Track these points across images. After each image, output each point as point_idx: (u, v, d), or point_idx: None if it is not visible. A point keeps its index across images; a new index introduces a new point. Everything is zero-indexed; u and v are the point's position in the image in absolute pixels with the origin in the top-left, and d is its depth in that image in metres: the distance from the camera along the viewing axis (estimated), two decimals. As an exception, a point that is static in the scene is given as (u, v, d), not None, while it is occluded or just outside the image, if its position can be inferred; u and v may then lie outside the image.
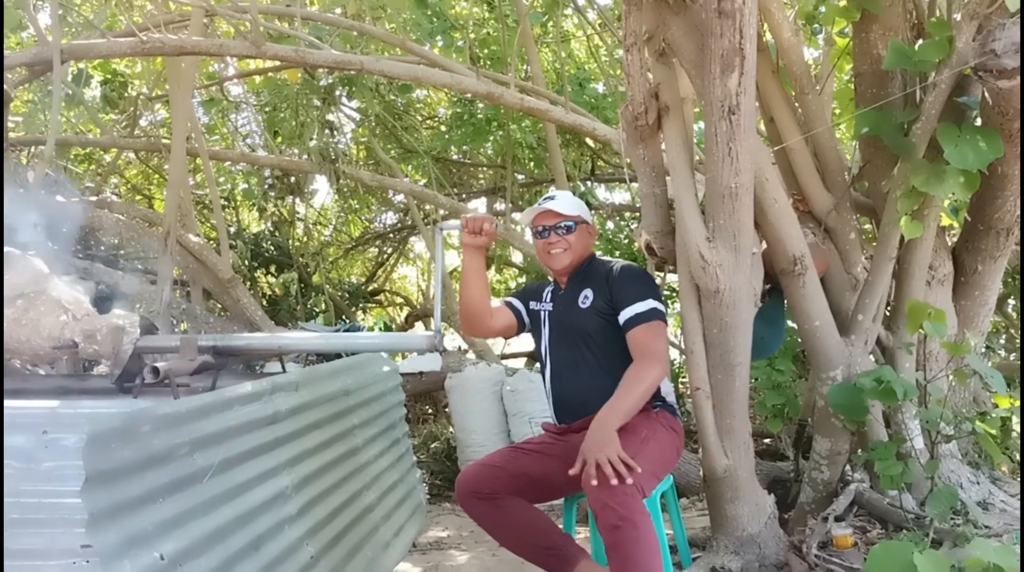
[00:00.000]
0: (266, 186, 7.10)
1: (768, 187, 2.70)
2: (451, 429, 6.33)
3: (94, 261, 5.25)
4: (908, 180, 2.64)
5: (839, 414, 2.88)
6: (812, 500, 3.05)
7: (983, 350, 3.37)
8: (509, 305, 2.72)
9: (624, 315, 2.45)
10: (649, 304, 2.44)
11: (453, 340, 7.54)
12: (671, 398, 2.58)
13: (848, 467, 3.04)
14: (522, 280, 10.36)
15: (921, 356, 3.02)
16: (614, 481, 2.09)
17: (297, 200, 7.98)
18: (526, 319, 2.71)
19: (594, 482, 2.11)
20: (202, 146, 5.54)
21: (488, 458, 2.60)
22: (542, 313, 2.67)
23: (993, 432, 2.68)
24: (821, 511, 2.91)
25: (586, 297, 2.56)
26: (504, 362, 6.96)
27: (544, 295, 2.71)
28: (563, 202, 2.63)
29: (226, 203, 8.05)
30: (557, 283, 2.71)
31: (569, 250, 2.59)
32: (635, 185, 8.63)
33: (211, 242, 6.58)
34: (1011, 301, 5.47)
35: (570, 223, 2.59)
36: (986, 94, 2.51)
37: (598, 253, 2.75)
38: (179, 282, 6.12)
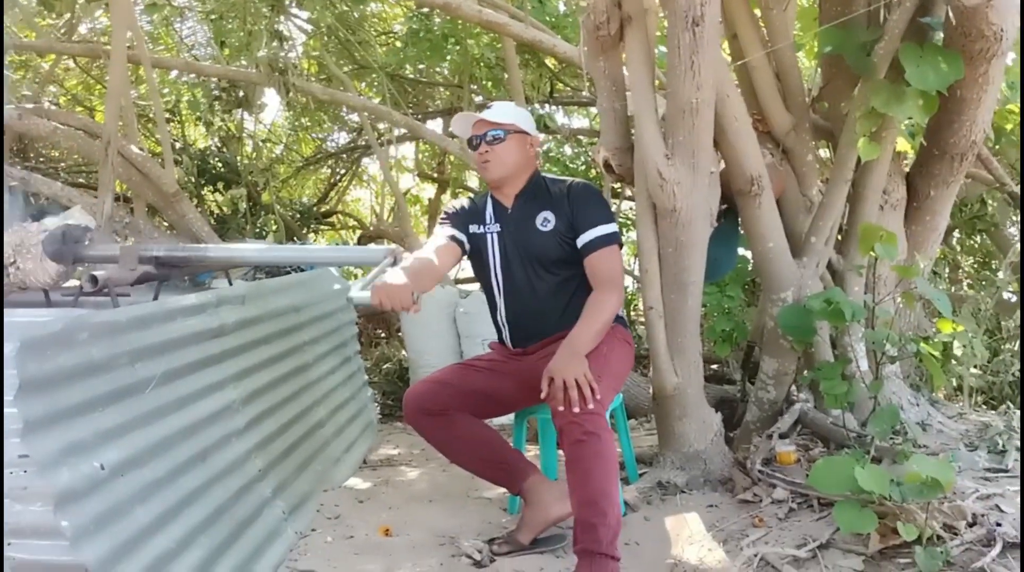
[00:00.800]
0: (213, 99, 6.84)
1: (729, 104, 2.67)
2: (404, 352, 6.34)
3: (32, 171, 5.03)
4: (868, 101, 2.63)
5: (788, 335, 2.91)
6: (757, 419, 3.11)
7: (930, 275, 3.43)
8: (452, 238, 2.54)
9: (584, 238, 2.42)
10: (609, 228, 2.42)
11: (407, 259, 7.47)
12: (622, 311, 2.58)
13: (794, 387, 3.10)
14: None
15: (870, 279, 3.07)
16: (578, 408, 2.09)
17: (246, 115, 7.73)
18: (467, 246, 2.58)
19: (561, 408, 2.11)
20: (144, 53, 5.28)
21: (437, 374, 2.58)
22: (488, 236, 2.56)
23: (936, 354, 2.74)
24: (766, 429, 2.98)
25: (547, 220, 2.49)
26: (458, 286, 6.95)
27: (485, 216, 2.59)
28: (496, 110, 2.54)
29: (171, 116, 7.78)
30: (498, 201, 2.59)
31: (498, 161, 2.49)
32: (594, 110, 8.58)
33: (156, 158, 6.37)
34: (956, 233, 5.57)
35: (499, 132, 2.48)
36: (950, 13, 2.48)
37: (552, 175, 2.69)
38: (122, 197, 5.93)
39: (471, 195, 3.14)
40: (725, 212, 3.01)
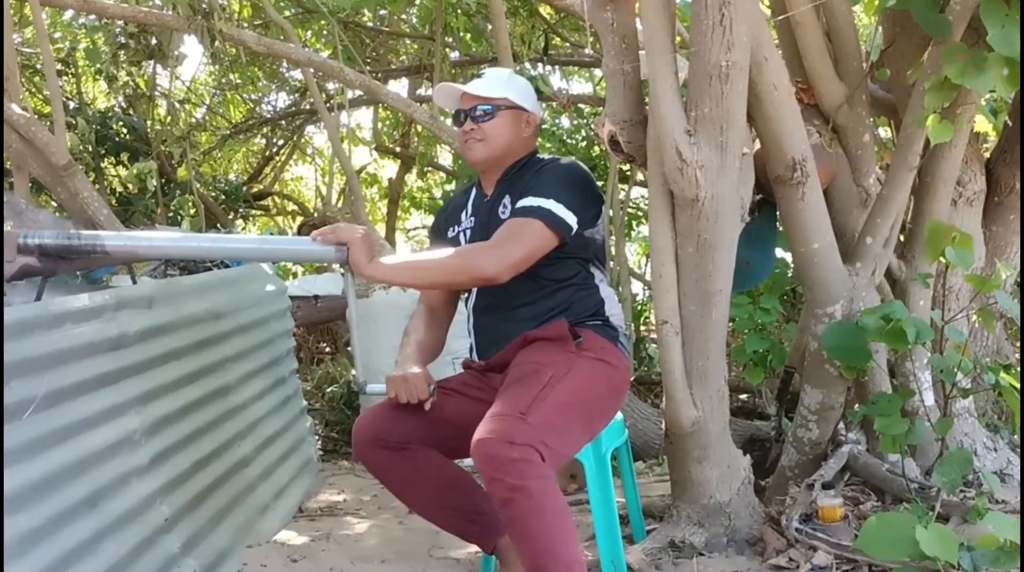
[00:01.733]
0: (117, 47, 6.79)
1: (767, 70, 2.68)
2: (353, 371, 6.32)
3: None
4: (940, 69, 2.64)
5: (835, 359, 2.92)
6: (795, 464, 3.12)
7: (1014, 287, 3.46)
8: None
9: (514, 208, 2.47)
10: (543, 202, 2.41)
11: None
12: (616, 320, 2.57)
13: (841, 425, 3.11)
14: (450, 188, 10.30)
15: (939, 291, 3.09)
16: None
17: (159, 68, 7.70)
18: None
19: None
20: (31, -12, 5.24)
21: (396, 400, 2.58)
22: (462, 235, 2.66)
23: (1019, 387, 2.75)
24: (806, 477, 2.99)
25: (505, 206, 2.56)
26: (423, 288, 6.95)
27: (464, 211, 2.70)
28: (486, 81, 2.61)
29: (64, 68, 7.73)
30: (480, 189, 2.70)
31: (485, 141, 2.57)
32: (598, 72, 8.60)
33: (43, 120, 6.31)
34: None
35: (487, 107, 2.56)
36: (1044, -37, 2.50)
37: (546, 155, 2.71)
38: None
39: (456, 187, 3.16)
40: (760, 204, 3.02)
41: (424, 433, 2.50)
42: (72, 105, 7.89)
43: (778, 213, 3.04)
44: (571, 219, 2.42)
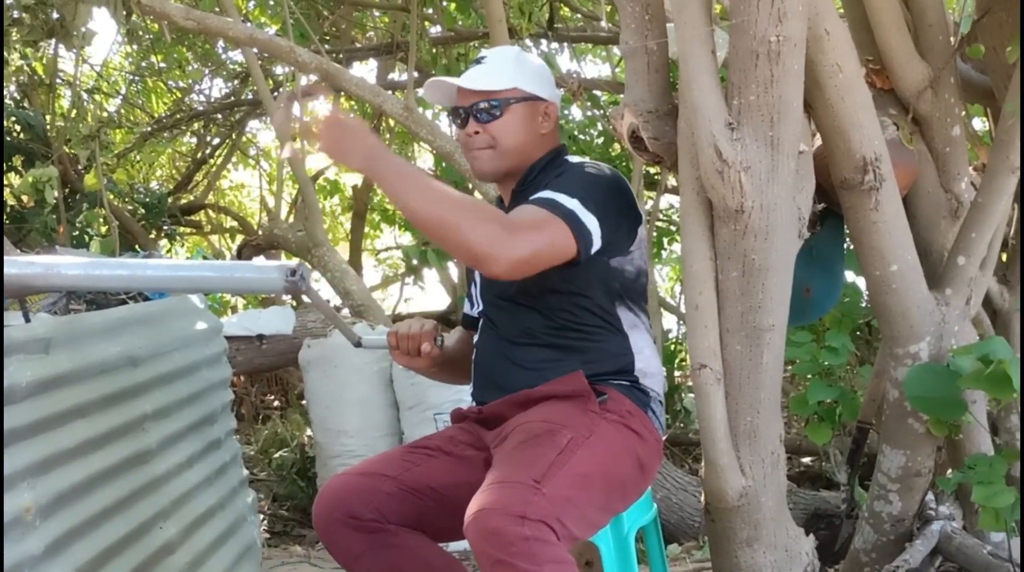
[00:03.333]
0: (10, 23, 6.83)
1: (829, 46, 2.68)
2: (308, 431, 6.30)
3: None
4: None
5: (921, 412, 2.92)
6: (872, 546, 3.11)
7: None
8: (465, 321, 2.89)
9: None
10: (567, 199, 2.39)
11: (317, 281, 7.46)
12: (651, 381, 2.57)
13: (930, 496, 3.10)
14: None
15: (1052, 325, 3.09)
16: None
17: (61, 49, 7.73)
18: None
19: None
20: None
21: (370, 464, 2.58)
22: None
23: None
24: (886, 563, 2.98)
25: None
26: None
27: None
28: (488, 68, 2.60)
29: (-59, 50, 7.76)
30: (500, 200, 2.74)
31: (496, 147, 2.56)
32: (617, 51, 8.60)
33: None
34: None
35: (494, 102, 2.55)
36: None
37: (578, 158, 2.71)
38: None
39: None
40: (822, 216, 3.02)
41: (405, 508, 2.47)
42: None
43: (846, 227, 3.04)
44: (595, 233, 2.39)
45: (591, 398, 2.43)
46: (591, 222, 2.39)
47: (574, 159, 2.66)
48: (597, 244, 2.41)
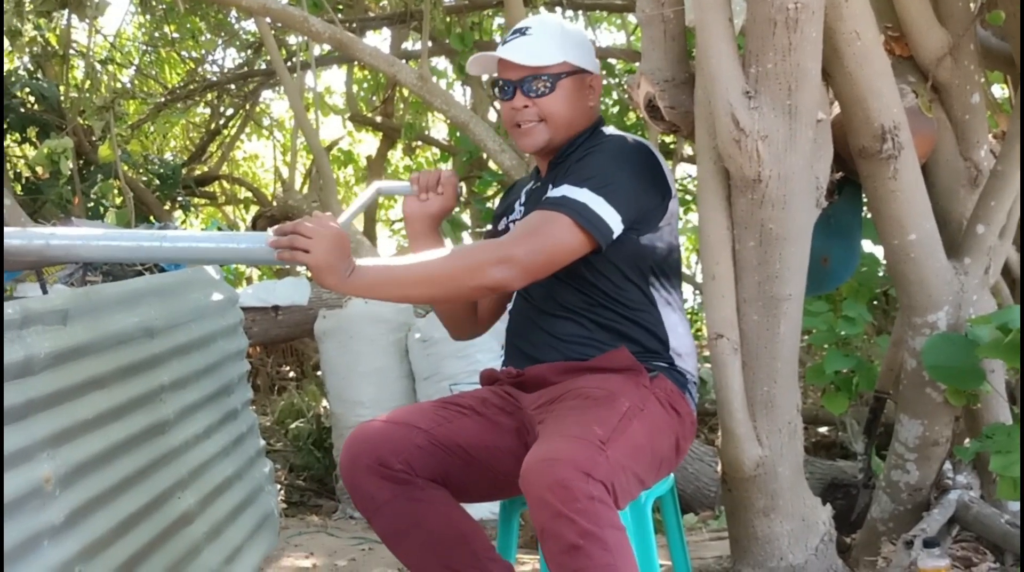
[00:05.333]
0: (22, -7, 6.85)
1: (847, 13, 2.66)
2: (324, 402, 6.33)
3: None
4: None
5: (939, 381, 2.91)
6: (890, 515, 3.11)
7: None
8: None
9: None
10: (575, 191, 2.39)
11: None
12: (686, 362, 2.56)
13: (948, 465, 3.10)
14: (445, 167, 10.30)
15: (1071, 294, 3.08)
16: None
17: (75, 19, 7.73)
18: None
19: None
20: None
21: (403, 413, 2.55)
22: (511, 227, 2.68)
23: None
24: (903, 532, 2.97)
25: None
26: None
27: (519, 198, 2.73)
28: (536, 41, 2.55)
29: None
30: (537, 172, 2.73)
31: (548, 122, 2.54)
32: (632, 18, 8.56)
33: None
34: None
35: (546, 77, 2.52)
36: None
37: (613, 130, 2.71)
38: None
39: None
40: (840, 185, 3.01)
41: (433, 462, 2.44)
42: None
43: (864, 195, 3.03)
44: (612, 219, 2.38)
45: (642, 373, 2.44)
46: (603, 208, 2.37)
47: (609, 132, 2.63)
48: (617, 228, 2.39)
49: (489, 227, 2.83)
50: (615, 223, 2.38)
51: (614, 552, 2.04)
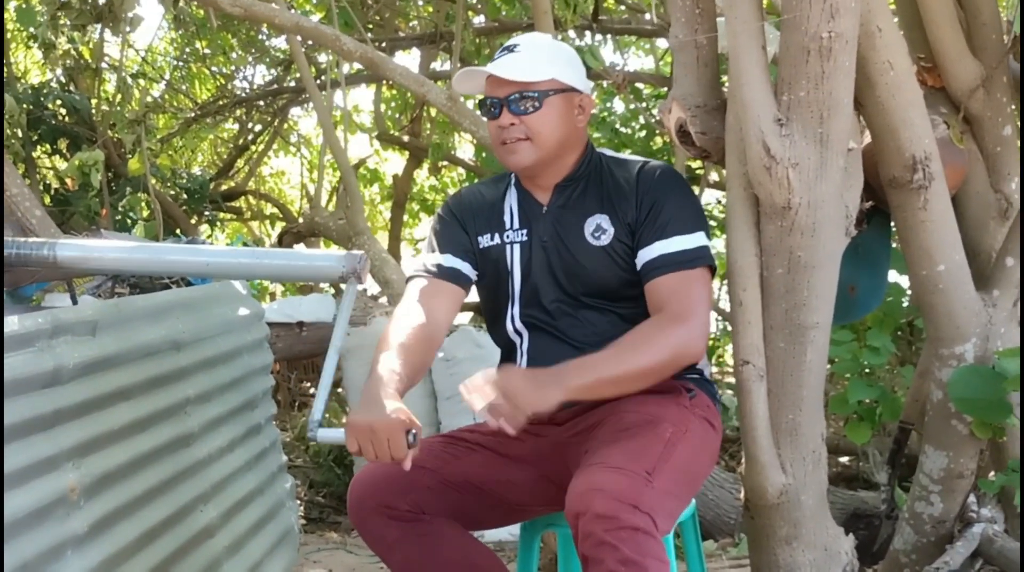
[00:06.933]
0: (56, 7, 6.89)
1: (880, 43, 2.67)
2: (346, 418, 6.33)
3: None
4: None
5: (965, 413, 2.90)
6: (913, 547, 3.10)
7: None
8: (446, 274, 2.59)
9: (649, 253, 2.45)
10: (694, 240, 2.44)
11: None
12: (707, 371, 2.60)
13: (972, 498, 3.08)
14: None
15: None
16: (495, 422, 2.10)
17: (107, 34, 7.79)
18: (473, 275, 2.64)
19: (490, 420, 2.10)
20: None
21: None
22: (508, 249, 2.60)
23: None
24: (926, 564, 2.96)
25: (600, 228, 2.52)
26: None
27: (509, 217, 2.64)
28: (524, 57, 2.52)
29: (-10, 33, 7.83)
30: (527, 193, 2.64)
31: (534, 140, 2.49)
32: (663, 43, 8.59)
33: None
34: None
35: (533, 94, 2.47)
36: None
37: (612, 152, 2.71)
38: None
39: (478, 181, 3.12)
40: (869, 214, 3.01)
41: (442, 499, 2.46)
42: (-2, 78, 7.99)
43: (892, 225, 3.02)
44: (710, 245, 2.48)
45: (682, 394, 2.45)
46: (706, 239, 2.48)
47: (621, 157, 2.64)
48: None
49: (445, 241, 2.64)
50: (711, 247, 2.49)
51: None
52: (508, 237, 2.60)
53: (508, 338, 2.63)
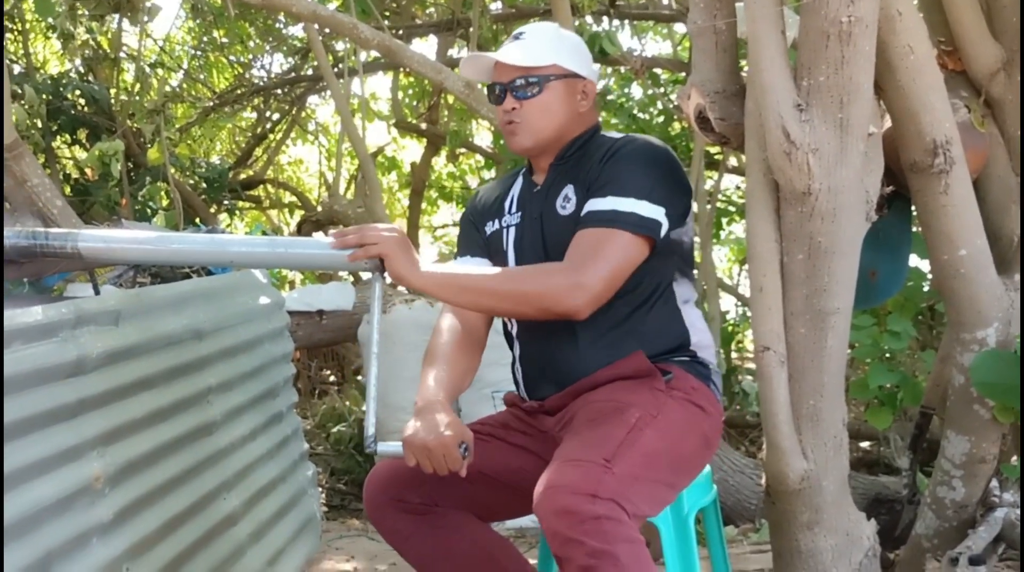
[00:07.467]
0: (76, -2, 6.92)
1: (900, 27, 2.65)
2: (364, 406, 6.35)
3: None
4: None
5: (987, 398, 2.90)
6: (934, 532, 3.09)
7: None
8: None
9: (585, 208, 2.44)
10: (623, 202, 2.39)
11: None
12: (705, 353, 2.56)
13: (994, 483, 3.08)
14: (489, 175, 10.30)
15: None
16: None
17: (126, 23, 7.80)
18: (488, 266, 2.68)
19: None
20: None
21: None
22: (504, 232, 2.65)
23: None
24: (948, 549, 2.95)
25: (567, 198, 2.53)
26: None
27: (508, 202, 2.69)
28: (527, 43, 2.57)
29: (7, 22, 7.84)
30: (529, 178, 2.69)
31: (531, 124, 2.53)
32: (681, 29, 8.56)
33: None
34: None
35: (533, 79, 2.51)
36: None
37: (614, 133, 2.70)
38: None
39: (497, 179, 3.13)
40: (890, 199, 3.00)
41: (455, 492, 2.48)
42: (17, 69, 8.01)
43: (913, 210, 3.01)
44: (661, 216, 2.40)
45: (656, 377, 2.41)
46: (655, 212, 2.40)
47: (617, 135, 2.62)
48: (666, 226, 2.42)
49: (461, 224, 2.81)
50: (663, 219, 2.41)
51: (629, 566, 2.03)
52: (506, 221, 2.65)
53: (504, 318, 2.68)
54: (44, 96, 7.25)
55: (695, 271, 2.70)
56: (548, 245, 2.53)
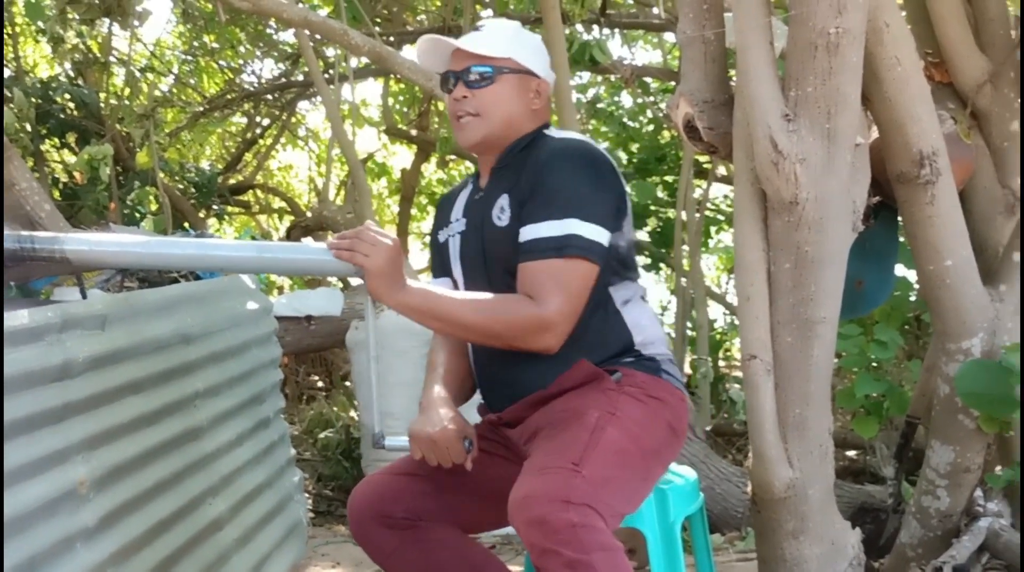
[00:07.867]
0: (66, 1, 6.90)
1: (888, 39, 2.67)
2: (353, 411, 6.34)
3: None
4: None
5: (972, 408, 2.91)
6: (919, 541, 3.10)
7: None
8: (445, 283, 2.64)
9: (524, 235, 2.37)
10: (567, 225, 2.32)
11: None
12: (652, 348, 2.49)
13: (979, 492, 3.09)
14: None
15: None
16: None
17: (115, 27, 7.79)
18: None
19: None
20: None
21: (402, 463, 2.57)
22: (452, 241, 2.61)
23: None
24: (932, 558, 2.97)
25: (502, 210, 2.47)
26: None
27: (456, 209, 2.64)
28: (486, 35, 2.53)
29: (-2, 27, 7.84)
30: (476, 181, 2.64)
31: (482, 115, 2.48)
32: (671, 38, 8.59)
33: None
34: None
35: (486, 69, 2.47)
36: None
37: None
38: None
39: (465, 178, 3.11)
40: (877, 209, 3.01)
41: (437, 505, 2.48)
42: (7, 73, 7.99)
43: (900, 220, 3.02)
44: (602, 236, 2.34)
45: (605, 378, 2.38)
46: (597, 233, 2.34)
47: (554, 138, 2.52)
48: (607, 242, 2.36)
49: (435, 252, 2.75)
50: (606, 240, 2.35)
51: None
52: (453, 229, 2.61)
53: None
54: (33, 100, 7.23)
55: (682, 279, 2.68)
56: (487, 258, 2.50)
